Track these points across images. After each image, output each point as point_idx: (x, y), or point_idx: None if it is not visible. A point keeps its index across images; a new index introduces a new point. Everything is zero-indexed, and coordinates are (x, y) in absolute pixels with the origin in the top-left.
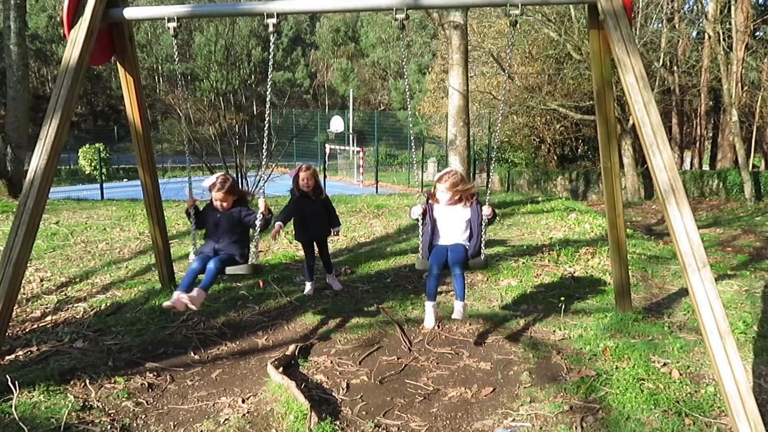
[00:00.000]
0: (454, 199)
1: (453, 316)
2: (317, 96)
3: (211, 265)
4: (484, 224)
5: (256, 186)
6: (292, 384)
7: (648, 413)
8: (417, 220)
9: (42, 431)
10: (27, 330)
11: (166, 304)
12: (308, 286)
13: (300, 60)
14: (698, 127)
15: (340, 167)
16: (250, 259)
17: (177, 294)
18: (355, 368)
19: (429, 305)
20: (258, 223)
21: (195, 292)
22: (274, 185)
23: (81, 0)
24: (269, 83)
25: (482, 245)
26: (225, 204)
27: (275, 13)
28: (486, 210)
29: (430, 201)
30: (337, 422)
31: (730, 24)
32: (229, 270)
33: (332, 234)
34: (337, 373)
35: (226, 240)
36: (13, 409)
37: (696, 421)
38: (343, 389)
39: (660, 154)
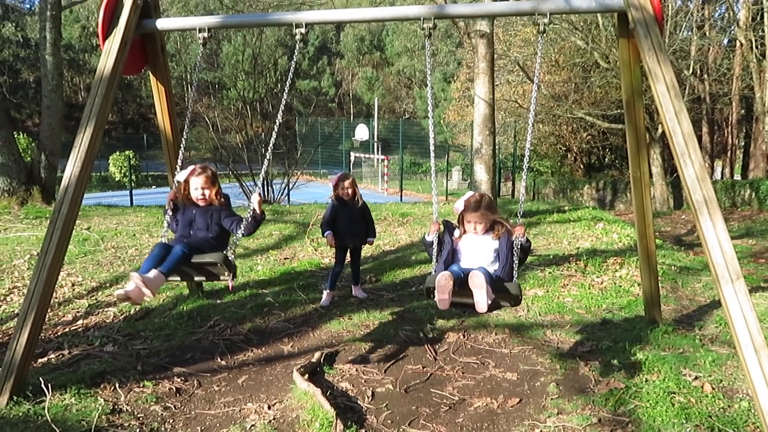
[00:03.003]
0: (486, 225)
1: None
2: (342, 104)
3: (177, 248)
4: (516, 249)
5: (281, 193)
6: (317, 391)
7: (679, 428)
8: (431, 243)
9: None
10: (59, 333)
11: (119, 293)
12: (325, 296)
13: (326, 69)
14: (729, 136)
15: (364, 175)
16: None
17: (135, 278)
18: (380, 376)
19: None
20: (243, 225)
21: (152, 273)
22: (299, 192)
23: (116, 11)
24: (286, 89)
25: (514, 270)
26: (207, 193)
27: (304, 23)
28: (518, 230)
29: (456, 229)
30: (363, 431)
31: (762, 31)
32: (197, 258)
33: (366, 243)
34: (363, 381)
35: (199, 240)
36: (45, 411)
37: None
38: (368, 397)
39: (692, 164)
